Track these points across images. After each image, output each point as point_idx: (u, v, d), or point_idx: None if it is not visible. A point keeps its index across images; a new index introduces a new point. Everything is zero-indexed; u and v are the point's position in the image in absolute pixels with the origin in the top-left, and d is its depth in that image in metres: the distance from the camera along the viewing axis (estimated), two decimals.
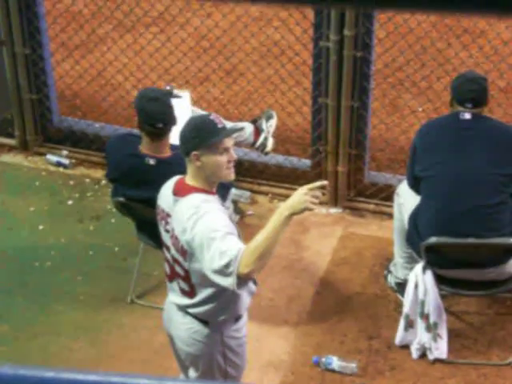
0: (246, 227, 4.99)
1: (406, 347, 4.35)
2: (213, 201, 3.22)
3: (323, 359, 4.27)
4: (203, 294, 3.26)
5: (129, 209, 4.39)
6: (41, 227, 5.16)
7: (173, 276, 3.37)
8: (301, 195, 3.06)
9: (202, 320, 3.32)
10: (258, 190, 5.36)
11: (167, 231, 3.30)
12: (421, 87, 5.66)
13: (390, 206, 4.80)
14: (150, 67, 5.70)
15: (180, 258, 3.25)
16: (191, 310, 3.33)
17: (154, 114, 4.06)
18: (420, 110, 5.68)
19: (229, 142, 3.21)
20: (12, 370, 1.26)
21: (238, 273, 3.00)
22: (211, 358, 3.35)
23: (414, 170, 4.27)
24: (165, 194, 3.33)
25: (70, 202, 5.35)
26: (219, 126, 3.19)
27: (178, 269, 3.31)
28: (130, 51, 5.75)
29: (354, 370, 4.24)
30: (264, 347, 4.39)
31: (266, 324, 4.50)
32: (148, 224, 4.33)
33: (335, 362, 4.25)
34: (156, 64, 5.68)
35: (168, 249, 3.33)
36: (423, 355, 4.31)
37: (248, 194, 5.31)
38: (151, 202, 4.12)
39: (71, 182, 5.49)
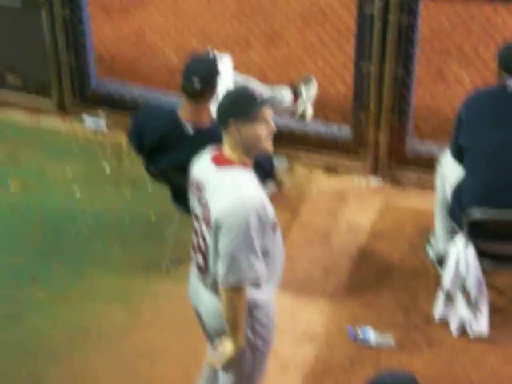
0: (282, 197, 4.94)
1: (445, 322, 4.26)
2: (251, 177, 3.15)
3: (359, 332, 4.21)
4: (214, 272, 3.20)
5: (164, 177, 4.34)
6: (77, 192, 5.15)
7: (196, 248, 3.32)
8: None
9: None
10: (296, 159, 5.28)
11: (200, 202, 3.23)
12: (468, 55, 5.51)
13: (432, 177, 4.68)
14: (190, 32, 5.62)
15: (206, 231, 3.19)
16: (209, 288, 3.28)
17: (193, 69, 4.01)
18: (466, 78, 5.53)
19: (268, 113, 3.13)
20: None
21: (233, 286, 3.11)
22: None
23: (458, 141, 4.16)
24: (200, 165, 3.26)
25: (106, 167, 5.33)
26: (258, 96, 3.12)
27: (201, 242, 3.26)
28: (171, 16, 5.68)
29: (390, 344, 4.17)
30: (299, 319, 4.33)
31: (301, 295, 4.44)
32: (184, 191, 4.27)
33: (372, 336, 4.19)
34: (197, 29, 5.60)
35: (198, 220, 3.27)
36: (463, 331, 4.22)
37: (286, 162, 5.23)
38: (187, 170, 4.06)
39: (108, 147, 5.49)
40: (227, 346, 3.22)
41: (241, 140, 3.10)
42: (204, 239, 3.22)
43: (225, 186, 3.11)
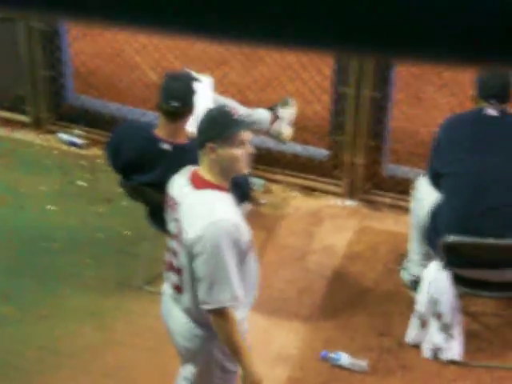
0: (258, 216, 4.90)
1: (418, 346, 4.25)
2: (227, 200, 3.14)
3: (332, 355, 4.18)
4: (190, 293, 3.18)
5: (140, 194, 4.30)
6: (51, 207, 5.09)
7: (170, 267, 3.30)
8: None
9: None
10: (272, 179, 5.26)
11: (175, 220, 3.21)
12: (445, 79, 5.53)
13: (408, 201, 4.69)
14: (167, 48, 5.59)
15: (179, 250, 3.18)
16: (183, 307, 3.25)
17: (171, 91, 3.98)
18: (443, 102, 5.55)
19: (246, 135, 3.12)
20: None
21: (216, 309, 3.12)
22: (210, 353, 3.27)
23: (435, 166, 4.16)
24: (177, 183, 3.24)
25: (81, 183, 5.27)
26: (236, 118, 3.11)
27: (174, 261, 3.23)
28: None
29: (363, 367, 4.15)
30: (273, 340, 4.30)
31: (275, 316, 4.41)
32: (159, 209, 4.24)
33: (344, 359, 4.16)
34: (173, 45, 5.57)
35: (172, 238, 3.25)
36: (436, 355, 4.21)
37: (262, 182, 5.20)
38: (163, 187, 4.03)
39: (83, 163, 5.41)
40: (243, 372, 3.20)
41: (217, 161, 3.09)
42: (177, 258, 3.20)
43: (198, 209, 3.09)
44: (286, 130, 4.88)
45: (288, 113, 4.88)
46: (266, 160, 5.21)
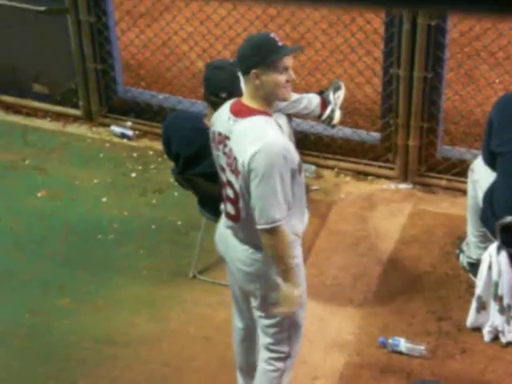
0: (310, 202, 4.84)
1: (477, 330, 4.17)
2: (274, 124, 3.18)
3: (390, 340, 4.13)
4: (247, 218, 3.22)
5: (191, 184, 4.29)
6: (104, 199, 5.12)
7: (227, 198, 3.35)
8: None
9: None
10: (323, 164, 5.21)
11: (224, 153, 3.25)
12: (498, 58, 5.40)
13: (464, 182, 4.60)
14: (215, 36, 5.57)
15: (233, 179, 3.22)
16: (240, 234, 3.30)
17: (217, 82, 3.95)
18: (497, 81, 5.43)
19: (288, 61, 3.15)
20: None
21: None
22: (269, 277, 3.29)
23: (490, 145, 4.06)
24: (221, 118, 3.27)
25: (133, 175, 5.30)
26: (279, 43, 3.14)
27: (229, 191, 3.28)
28: (196, 20, 5.63)
29: (422, 352, 4.09)
30: (328, 327, 4.26)
31: (330, 303, 4.36)
32: (210, 199, 4.23)
33: (403, 344, 4.10)
34: (221, 33, 5.54)
35: (224, 171, 3.29)
36: (495, 338, 4.13)
37: (313, 168, 5.16)
38: (214, 177, 4.02)
39: (135, 154, 5.44)
40: (286, 290, 3.23)
41: (261, 87, 3.11)
42: (232, 188, 3.24)
43: (249, 133, 3.13)
44: (336, 114, 4.82)
45: (337, 96, 4.81)
46: (316, 145, 5.16)
